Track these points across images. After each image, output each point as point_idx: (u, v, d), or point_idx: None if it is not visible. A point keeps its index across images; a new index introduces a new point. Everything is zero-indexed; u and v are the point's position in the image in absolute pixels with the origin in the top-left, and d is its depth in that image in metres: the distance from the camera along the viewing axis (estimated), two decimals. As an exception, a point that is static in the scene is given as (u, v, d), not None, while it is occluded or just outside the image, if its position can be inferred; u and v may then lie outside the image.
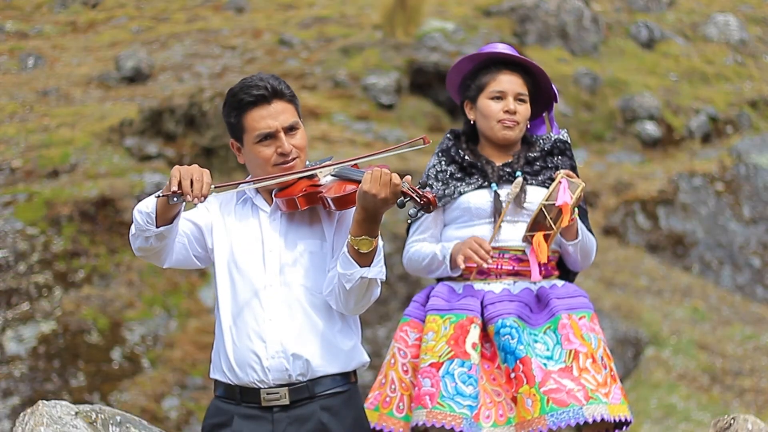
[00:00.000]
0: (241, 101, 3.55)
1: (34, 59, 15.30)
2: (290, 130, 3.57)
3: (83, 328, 9.59)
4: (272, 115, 3.55)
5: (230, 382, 3.56)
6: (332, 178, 3.55)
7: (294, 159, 3.57)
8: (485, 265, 4.27)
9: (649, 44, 16.89)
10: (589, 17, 16.37)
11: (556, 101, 4.49)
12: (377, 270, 3.45)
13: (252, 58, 14.81)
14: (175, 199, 3.33)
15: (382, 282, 3.50)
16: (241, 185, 3.55)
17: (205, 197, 3.35)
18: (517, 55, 4.43)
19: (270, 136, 3.55)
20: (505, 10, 16.22)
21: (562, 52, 15.80)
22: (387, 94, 14.02)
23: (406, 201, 3.37)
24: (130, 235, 3.59)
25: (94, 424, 3.75)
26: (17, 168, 11.26)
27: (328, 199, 3.49)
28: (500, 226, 4.33)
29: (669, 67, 16.45)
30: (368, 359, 3.66)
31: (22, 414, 3.71)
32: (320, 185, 3.55)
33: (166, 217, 3.46)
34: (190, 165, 3.36)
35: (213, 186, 3.37)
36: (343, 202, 3.47)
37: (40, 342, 9.50)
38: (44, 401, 3.72)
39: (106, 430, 3.77)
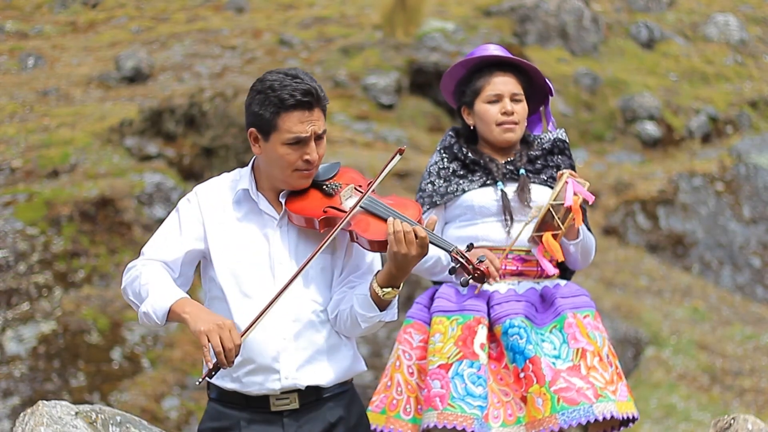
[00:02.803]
0: (283, 101, 3.40)
1: (34, 59, 15.31)
2: (318, 138, 3.48)
3: (83, 328, 9.59)
4: (310, 122, 3.43)
5: (234, 390, 3.50)
6: (359, 209, 3.43)
7: (315, 168, 3.50)
8: (492, 284, 4.26)
9: (649, 44, 16.90)
10: (589, 17, 16.38)
11: (552, 95, 4.49)
12: (393, 312, 3.44)
13: (252, 58, 14.81)
14: (214, 373, 3.34)
15: None
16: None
17: (238, 352, 3.31)
18: (509, 55, 4.43)
19: (302, 141, 3.44)
20: (505, 10, 16.23)
21: (562, 52, 15.80)
22: (387, 94, 14.02)
23: (457, 267, 3.33)
24: (125, 293, 3.48)
25: (94, 424, 3.74)
26: (17, 168, 11.26)
27: (362, 239, 3.40)
28: (506, 223, 4.32)
29: (669, 67, 16.45)
30: (365, 367, 3.65)
31: (22, 414, 3.70)
32: (344, 210, 3.44)
33: (175, 320, 3.42)
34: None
35: (241, 340, 3.32)
36: (378, 246, 3.39)
37: (40, 342, 9.50)
38: (44, 401, 3.71)
39: (106, 430, 3.76)
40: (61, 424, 3.61)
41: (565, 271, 4.51)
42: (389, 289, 3.36)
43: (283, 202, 3.50)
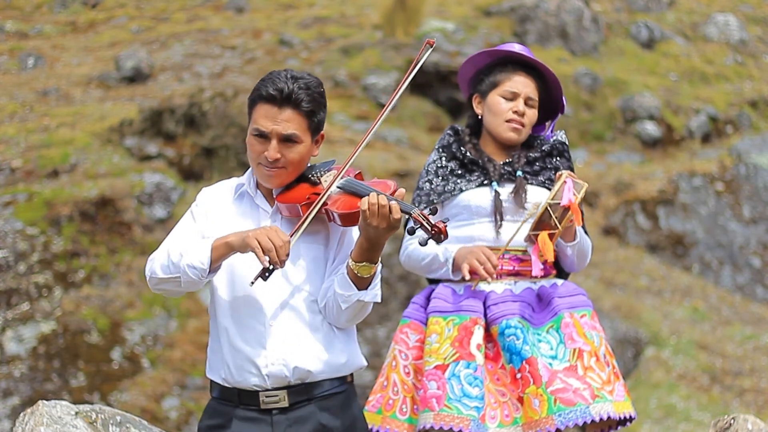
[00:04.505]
0: (257, 90, 3.50)
1: (34, 59, 15.30)
2: (287, 140, 3.48)
3: (83, 328, 9.59)
4: (274, 118, 3.46)
5: (227, 385, 3.52)
6: (338, 189, 3.48)
7: (279, 168, 3.50)
8: (489, 281, 4.27)
9: (649, 44, 16.89)
10: (589, 17, 16.37)
11: (563, 113, 4.50)
12: (374, 293, 3.44)
13: (252, 58, 14.81)
14: (267, 275, 3.37)
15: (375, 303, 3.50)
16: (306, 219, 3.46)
17: (288, 249, 3.35)
18: (536, 58, 4.44)
19: (264, 136, 3.48)
20: (505, 10, 16.22)
21: (562, 52, 15.80)
22: (387, 94, 14.02)
23: (417, 228, 3.33)
24: (154, 276, 3.50)
25: (94, 424, 3.74)
26: (17, 168, 11.26)
27: (335, 214, 3.43)
28: (498, 224, 4.33)
29: (669, 67, 16.45)
30: (365, 363, 3.64)
31: (22, 414, 3.71)
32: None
33: (220, 261, 3.46)
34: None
35: (290, 238, 3.37)
36: (349, 219, 3.42)
37: (40, 342, 9.50)
38: (44, 401, 3.72)
39: (106, 430, 3.77)
40: (61, 424, 3.62)
41: (560, 274, 4.51)
42: (363, 264, 3.37)
43: (275, 197, 3.56)
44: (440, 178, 4.41)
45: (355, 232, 3.52)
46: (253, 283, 3.39)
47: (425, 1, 15.66)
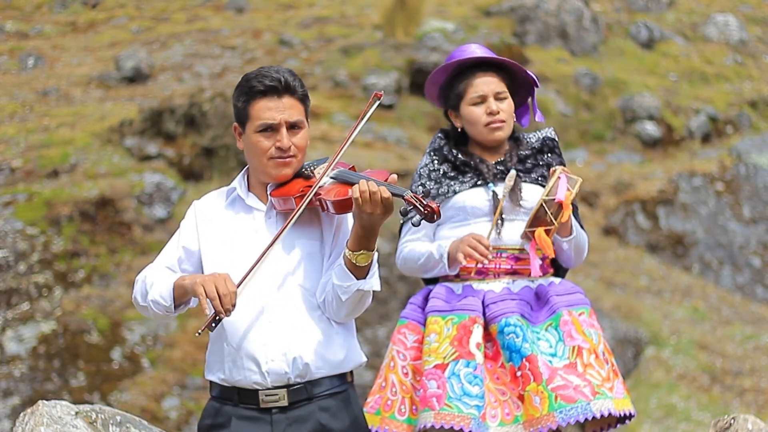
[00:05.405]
0: (252, 88, 3.52)
1: (34, 59, 15.31)
2: (293, 127, 3.53)
3: (83, 328, 9.59)
4: (279, 108, 3.50)
5: (226, 384, 3.53)
6: (331, 180, 3.51)
7: (291, 157, 3.53)
8: (485, 261, 4.26)
9: (649, 44, 16.90)
10: (589, 17, 16.38)
11: (537, 86, 4.49)
12: (373, 281, 3.45)
13: (252, 58, 14.81)
14: (213, 325, 3.39)
15: (375, 292, 3.50)
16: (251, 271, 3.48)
17: (235, 303, 3.37)
18: (488, 54, 4.43)
19: (271, 128, 3.51)
20: (505, 10, 16.23)
21: (562, 52, 15.80)
22: (387, 94, 14.03)
23: (410, 209, 3.35)
24: (135, 301, 3.59)
25: (94, 424, 3.74)
26: (17, 168, 11.26)
27: (328, 202, 3.46)
28: (497, 224, 4.33)
29: (669, 67, 16.45)
30: (365, 359, 3.64)
31: (22, 414, 3.71)
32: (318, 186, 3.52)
33: (183, 299, 3.50)
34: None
35: (236, 288, 3.38)
36: (342, 206, 3.43)
37: (40, 342, 9.50)
38: (44, 401, 3.72)
39: (106, 430, 3.77)
40: (61, 424, 3.62)
41: (559, 269, 4.51)
42: (361, 252, 3.38)
43: (269, 193, 3.58)
44: (433, 181, 4.42)
45: (350, 226, 3.53)
46: (199, 333, 3.43)
47: (425, 1, 15.67)
